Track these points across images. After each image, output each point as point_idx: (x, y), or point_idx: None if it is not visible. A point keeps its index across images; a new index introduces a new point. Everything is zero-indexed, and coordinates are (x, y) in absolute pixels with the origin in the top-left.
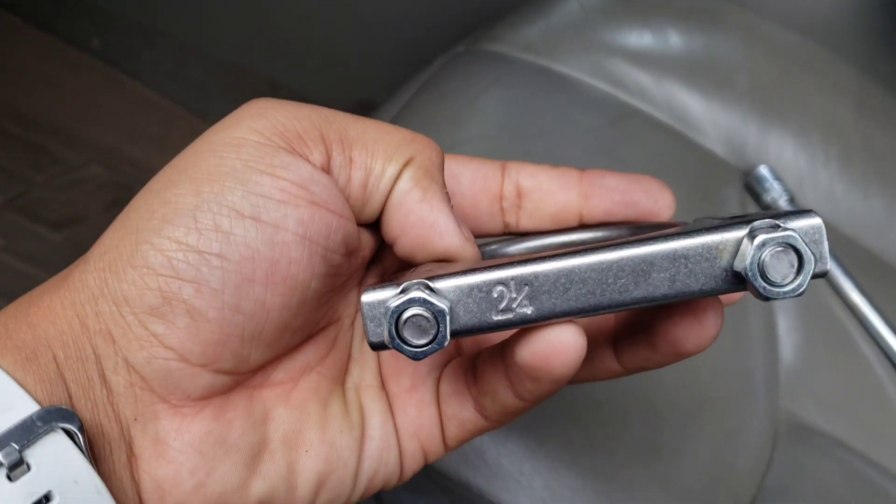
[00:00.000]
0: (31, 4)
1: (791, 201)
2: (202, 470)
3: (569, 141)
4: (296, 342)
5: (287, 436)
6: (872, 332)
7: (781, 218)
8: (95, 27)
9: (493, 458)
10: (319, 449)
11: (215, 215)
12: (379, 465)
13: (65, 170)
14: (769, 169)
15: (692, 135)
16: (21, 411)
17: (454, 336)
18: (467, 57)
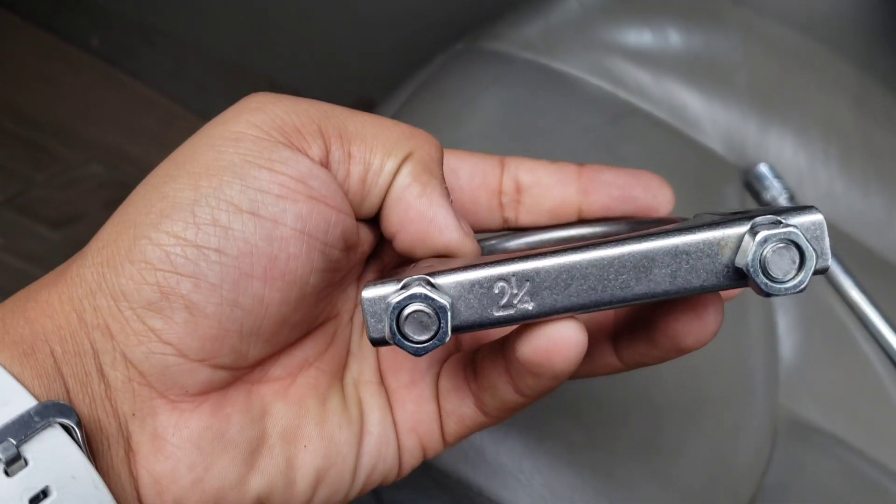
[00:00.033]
0: (30, 3)
1: (791, 199)
2: (200, 465)
3: (568, 139)
4: (294, 337)
5: (285, 431)
6: (872, 330)
7: (783, 214)
8: (95, 26)
9: (493, 455)
10: (318, 444)
11: (213, 210)
12: (377, 460)
13: (64, 168)
14: (769, 167)
15: (692, 133)
16: (18, 406)
17: (455, 332)
18: (467, 55)
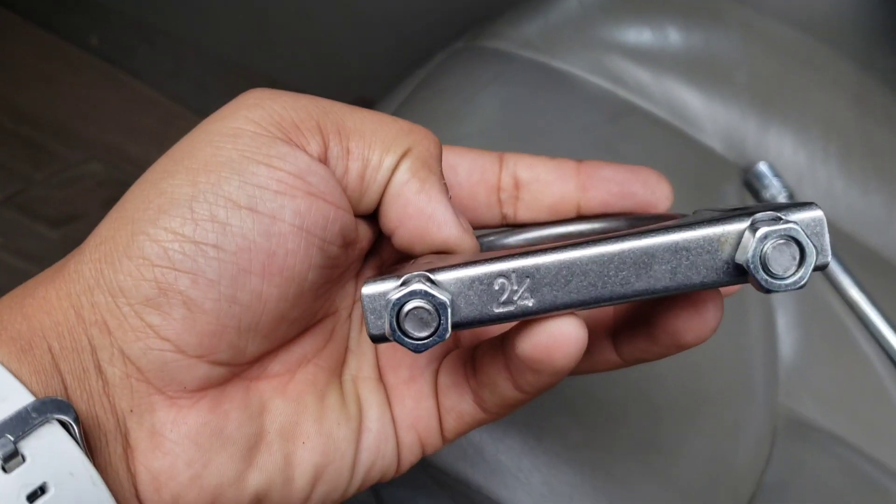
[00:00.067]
0: (29, 2)
1: (790, 198)
2: (198, 462)
3: (568, 137)
4: (293, 334)
5: (284, 428)
6: (871, 328)
7: (783, 210)
8: (94, 25)
9: (492, 454)
10: (316, 441)
11: (212, 206)
12: (376, 456)
13: (63, 167)
14: (768, 165)
15: (691, 131)
16: (16, 402)
17: (455, 328)
18: (466, 53)
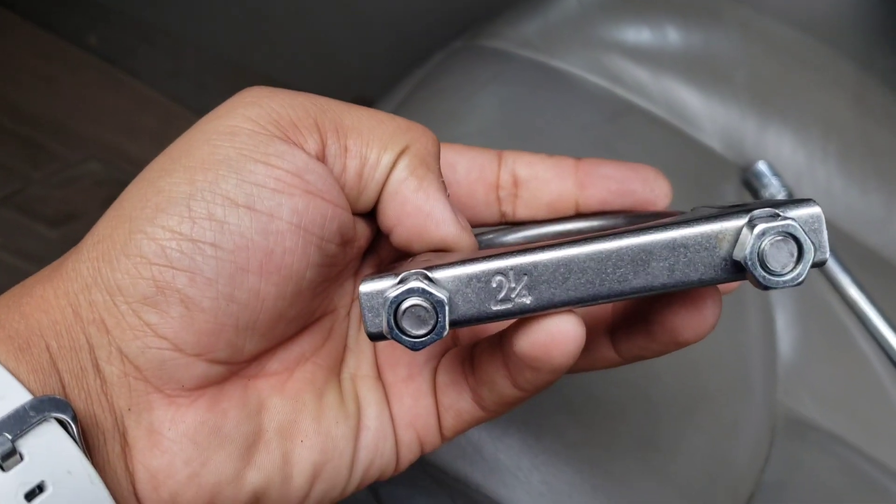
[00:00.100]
0: (28, 1)
1: (789, 197)
2: (196, 460)
3: (567, 137)
4: (291, 332)
5: (282, 426)
6: (870, 327)
7: (781, 207)
8: (93, 24)
9: (491, 453)
10: (315, 439)
11: (209, 204)
12: (375, 455)
13: (62, 166)
14: (767, 165)
15: (690, 131)
16: (14, 401)
17: (453, 326)
18: (465, 53)
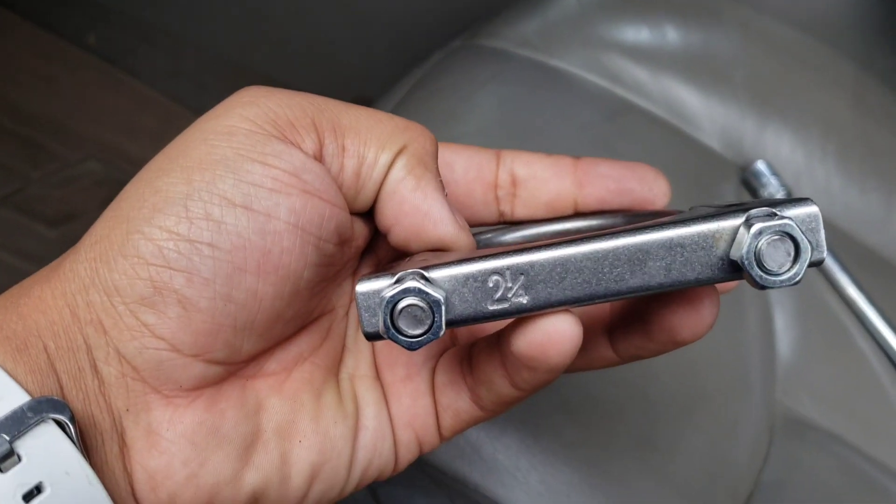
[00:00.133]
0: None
1: (788, 196)
2: (195, 461)
3: (566, 136)
4: (289, 332)
5: (280, 426)
6: (869, 327)
7: (778, 206)
8: (92, 24)
9: (489, 453)
10: (313, 439)
11: (206, 204)
12: (373, 455)
13: (61, 166)
14: (766, 164)
15: (689, 130)
16: (11, 402)
17: (450, 326)
18: (464, 52)
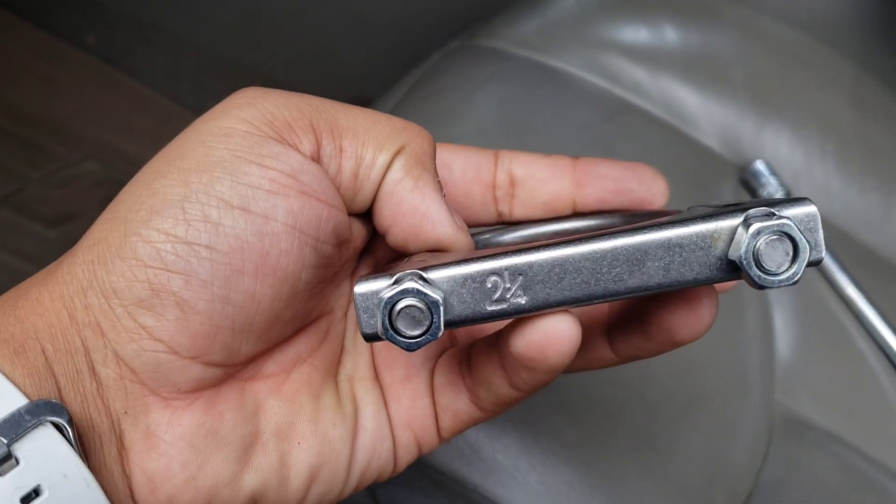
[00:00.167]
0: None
1: (787, 196)
2: (193, 463)
3: (564, 136)
4: (287, 334)
5: (279, 428)
6: (868, 327)
7: (776, 206)
8: (91, 24)
9: (489, 453)
10: (312, 441)
11: (204, 206)
12: (372, 456)
13: (60, 166)
14: (765, 164)
15: (688, 130)
16: (9, 405)
17: (448, 327)
18: (463, 52)
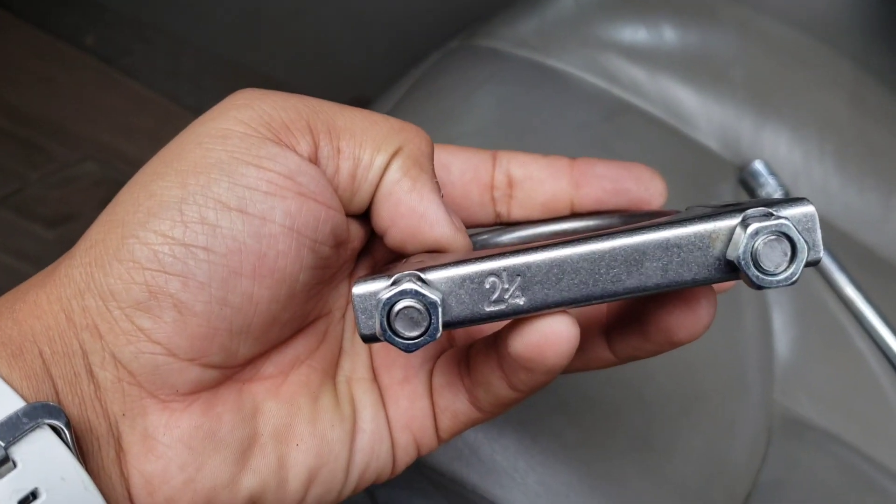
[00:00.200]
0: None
1: (786, 196)
2: (192, 465)
3: (563, 136)
4: (285, 335)
5: (277, 430)
6: (867, 326)
7: (774, 206)
8: (90, 24)
9: (488, 454)
10: (310, 443)
11: (201, 208)
12: (371, 457)
13: (59, 167)
14: (764, 164)
15: (687, 130)
16: (6, 408)
17: (446, 328)
18: (462, 53)
